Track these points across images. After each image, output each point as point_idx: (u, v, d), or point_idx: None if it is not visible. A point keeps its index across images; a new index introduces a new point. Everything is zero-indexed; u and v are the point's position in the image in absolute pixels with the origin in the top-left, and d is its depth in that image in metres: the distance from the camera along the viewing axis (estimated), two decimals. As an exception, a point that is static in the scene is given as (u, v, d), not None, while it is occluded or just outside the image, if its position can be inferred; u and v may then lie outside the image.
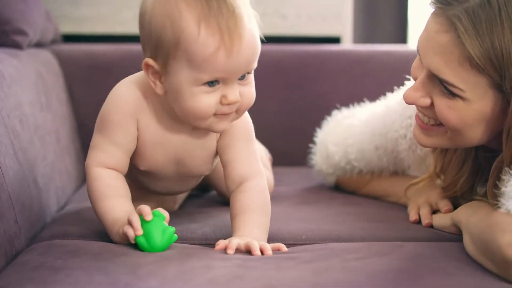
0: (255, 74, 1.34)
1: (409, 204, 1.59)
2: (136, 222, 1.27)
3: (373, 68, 2.23)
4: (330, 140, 1.82)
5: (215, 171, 1.54)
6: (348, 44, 2.42)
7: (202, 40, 1.25)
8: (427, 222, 1.50)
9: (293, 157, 2.18)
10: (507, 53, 1.26)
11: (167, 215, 1.30)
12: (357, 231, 1.46)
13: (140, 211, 1.28)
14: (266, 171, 1.52)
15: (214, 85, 1.29)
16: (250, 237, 1.30)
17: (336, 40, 2.43)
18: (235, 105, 1.31)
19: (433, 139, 1.42)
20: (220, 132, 1.40)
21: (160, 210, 1.29)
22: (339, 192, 1.84)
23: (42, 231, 1.50)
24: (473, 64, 1.28)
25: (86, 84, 2.17)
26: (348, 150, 1.77)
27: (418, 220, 1.52)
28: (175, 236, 1.30)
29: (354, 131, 1.78)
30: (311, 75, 2.22)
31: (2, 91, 1.54)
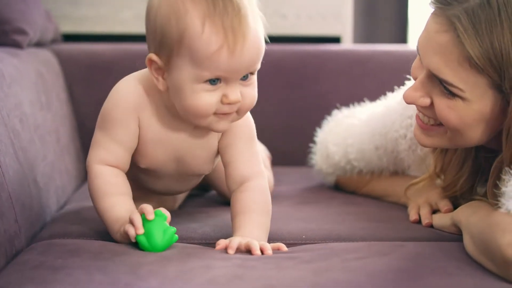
0: (255, 74, 1.34)
1: (409, 204, 1.59)
2: (138, 221, 1.27)
3: (373, 68, 2.22)
4: (330, 140, 1.81)
5: (215, 170, 1.53)
6: (348, 44, 2.42)
7: (206, 37, 1.25)
8: (427, 222, 1.50)
9: (293, 157, 2.18)
10: (507, 53, 1.26)
11: (169, 215, 1.29)
12: (357, 231, 1.46)
13: (142, 210, 1.28)
14: (266, 171, 1.52)
15: (215, 84, 1.29)
16: (250, 237, 1.30)
17: (336, 40, 2.42)
18: (235, 105, 1.31)
19: (433, 139, 1.42)
20: (220, 132, 1.40)
21: (162, 210, 1.29)
22: (339, 192, 1.84)
23: (42, 230, 1.49)
24: (472, 64, 1.28)
25: (86, 83, 2.17)
26: (348, 150, 1.77)
27: (418, 220, 1.52)
28: (176, 237, 1.29)
29: (354, 131, 1.78)
30: (311, 75, 2.22)
31: (2, 90, 1.54)
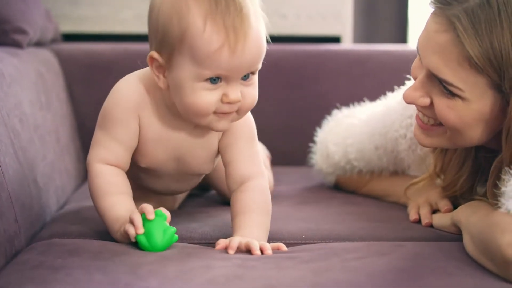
0: (255, 74, 1.33)
1: (409, 203, 1.59)
2: (138, 220, 1.27)
3: (373, 68, 2.22)
4: (330, 139, 1.81)
5: (215, 170, 1.53)
6: (348, 44, 2.42)
7: (207, 36, 1.25)
8: (427, 222, 1.50)
9: (293, 156, 2.18)
10: (506, 53, 1.26)
11: (169, 215, 1.29)
12: (356, 231, 1.46)
13: (142, 210, 1.28)
14: (266, 171, 1.52)
15: (216, 83, 1.29)
16: (251, 237, 1.30)
17: (336, 40, 2.42)
18: (236, 104, 1.31)
19: (432, 139, 1.42)
20: (220, 131, 1.39)
21: (162, 210, 1.29)
22: (339, 191, 1.84)
23: (41, 230, 1.49)
24: (472, 64, 1.28)
25: (86, 83, 2.17)
26: (348, 149, 1.77)
27: (418, 219, 1.52)
28: (176, 237, 1.29)
29: (354, 131, 1.78)
30: (311, 75, 2.22)
31: (2, 90, 1.54)
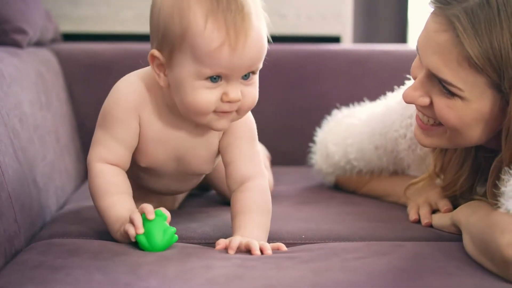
0: (255, 73, 1.33)
1: (408, 203, 1.59)
2: (138, 220, 1.27)
3: (373, 67, 2.22)
4: (330, 139, 1.81)
5: (215, 170, 1.53)
6: (348, 44, 2.42)
7: (208, 34, 1.25)
8: (427, 222, 1.50)
9: (292, 156, 2.18)
10: (506, 53, 1.26)
11: (169, 215, 1.29)
12: (356, 231, 1.46)
13: (142, 210, 1.28)
14: (266, 171, 1.52)
15: (216, 81, 1.29)
16: (251, 237, 1.30)
17: (336, 40, 2.42)
18: (236, 104, 1.31)
19: (432, 139, 1.42)
20: (220, 131, 1.39)
21: (162, 210, 1.29)
22: (338, 191, 1.84)
23: (41, 230, 1.49)
24: (471, 64, 1.28)
25: (86, 83, 2.17)
26: (348, 149, 1.77)
27: (418, 219, 1.52)
28: (176, 237, 1.29)
29: (354, 131, 1.78)
30: (311, 75, 2.22)
31: (1, 90, 1.54)
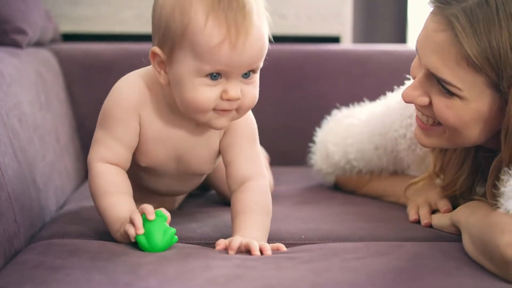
0: (254, 73, 1.33)
1: (408, 203, 1.59)
2: (138, 220, 1.27)
3: (373, 67, 2.22)
4: (330, 139, 1.81)
5: (215, 170, 1.53)
6: (347, 44, 2.42)
7: (208, 31, 1.25)
8: (426, 222, 1.50)
9: (292, 156, 2.18)
10: (504, 53, 1.26)
11: (169, 216, 1.29)
12: (356, 231, 1.46)
13: (142, 210, 1.28)
14: (266, 172, 1.52)
15: (216, 79, 1.29)
16: (251, 237, 1.30)
17: (335, 40, 2.42)
18: (235, 102, 1.31)
19: (432, 139, 1.42)
20: (219, 129, 1.39)
21: (162, 211, 1.29)
22: (338, 191, 1.84)
23: (41, 230, 1.49)
24: (470, 63, 1.28)
25: (85, 83, 2.17)
26: (347, 149, 1.77)
27: (418, 220, 1.52)
28: (176, 238, 1.29)
29: (353, 131, 1.78)
30: (310, 75, 2.22)
31: (1, 90, 1.54)
